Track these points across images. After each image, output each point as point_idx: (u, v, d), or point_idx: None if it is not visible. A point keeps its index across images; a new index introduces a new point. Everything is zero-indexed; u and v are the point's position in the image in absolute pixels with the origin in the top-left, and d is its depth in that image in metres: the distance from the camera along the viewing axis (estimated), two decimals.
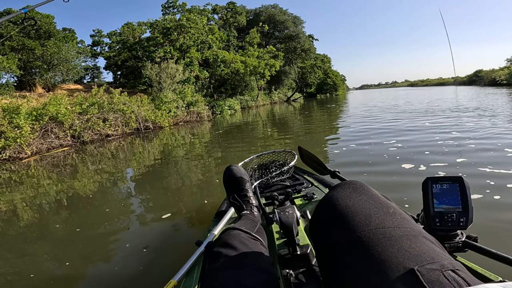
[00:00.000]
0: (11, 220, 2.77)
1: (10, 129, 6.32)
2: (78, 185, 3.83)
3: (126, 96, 9.88)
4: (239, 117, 13.93)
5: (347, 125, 7.03)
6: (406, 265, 0.38)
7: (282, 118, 11.55)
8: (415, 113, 7.74)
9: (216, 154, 5.09)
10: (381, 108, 10.72)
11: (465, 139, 3.81)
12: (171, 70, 13.20)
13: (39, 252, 1.97)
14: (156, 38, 17.33)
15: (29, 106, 7.30)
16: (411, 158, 3.16)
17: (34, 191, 3.70)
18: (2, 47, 11.67)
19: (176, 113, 12.13)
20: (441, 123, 5.57)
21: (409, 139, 4.21)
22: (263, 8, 30.53)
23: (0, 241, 2.30)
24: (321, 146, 4.69)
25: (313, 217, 0.63)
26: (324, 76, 38.74)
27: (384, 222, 0.48)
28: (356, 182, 0.63)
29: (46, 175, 4.75)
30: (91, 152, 6.62)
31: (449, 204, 0.73)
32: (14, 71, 11.30)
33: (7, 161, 6.00)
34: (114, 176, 4.19)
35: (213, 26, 20.77)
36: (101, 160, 5.68)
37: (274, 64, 20.92)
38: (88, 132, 8.12)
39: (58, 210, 2.92)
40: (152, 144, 7.32)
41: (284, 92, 32.05)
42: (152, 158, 5.40)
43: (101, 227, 2.29)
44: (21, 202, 3.22)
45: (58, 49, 12.90)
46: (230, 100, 18.13)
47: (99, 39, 21.81)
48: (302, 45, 30.08)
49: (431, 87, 43.57)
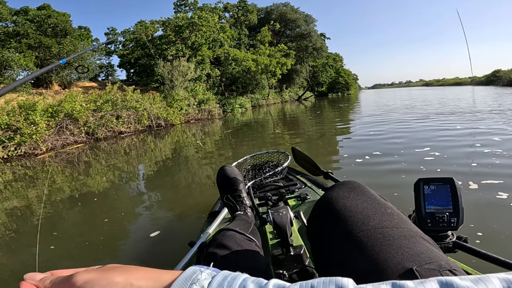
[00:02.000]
0: (24, 215, 2.80)
1: (26, 125, 6.45)
2: (91, 182, 3.86)
3: (138, 94, 9.97)
4: (249, 116, 13.88)
5: (364, 126, 6.52)
6: (405, 265, 0.39)
7: (293, 117, 11.42)
8: (440, 115, 7.19)
9: (227, 153, 5.03)
10: (400, 108, 10.24)
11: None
12: (183, 68, 13.26)
13: (44, 248, 1.96)
14: (168, 36, 17.45)
15: (45, 103, 7.44)
16: (457, 171, 2.60)
17: (48, 187, 3.74)
18: (19, 45, 11.96)
19: (187, 111, 12.17)
20: (476, 127, 4.92)
21: (444, 146, 3.67)
22: (274, 7, 30.32)
23: (14, 237, 2.31)
24: (334, 150, 4.41)
25: (311, 217, 0.63)
26: (336, 75, 38.26)
27: (382, 222, 0.48)
28: (353, 182, 0.63)
29: (60, 171, 4.81)
30: (105, 149, 6.69)
31: (440, 205, 0.74)
32: (31, 68, 11.57)
33: (23, 157, 6.12)
34: (125, 174, 4.21)
35: (224, 24, 20.77)
36: (114, 157, 5.73)
37: (285, 62, 20.75)
38: (102, 129, 8.22)
39: (71, 206, 2.92)
40: (164, 142, 7.35)
41: (295, 91, 31.81)
42: (163, 156, 5.41)
43: (99, 225, 2.28)
44: (35, 198, 3.25)
45: (74, 47, 13.14)
46: (241, 99, 18.08)
47: (113, 37, 22.13)
48: (313, 44, 29.71)
49: (447, 87, 42.43)
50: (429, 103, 11.66)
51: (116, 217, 2.48)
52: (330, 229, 0.54)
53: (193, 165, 4.34)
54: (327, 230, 0.54)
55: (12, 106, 6.77)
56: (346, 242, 0.48)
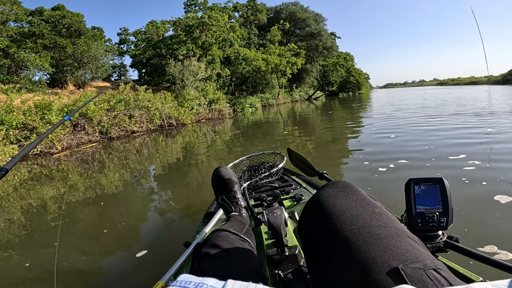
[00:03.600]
0: (39, 213, 2.85)
1: (42, 124, 6.59)
2: (105, 182, 3.91)
3: (150, 93, 10.07)
4: (260, 115, 13.85)
5: (382, 127, 6.00)
6: (390, 264, 0.39)
7: (303, 118, 11.31)
8: (462, 115, 6.73)
9: (236, 152, 5.00)
10: (420, 108, 9.58)
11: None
12: (193, 67, 13.33)
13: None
14: (179, 36, 17.58)
15: (60, 102, 7.59)
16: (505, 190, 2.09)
17: (63, 185, 3.81)
18: (35, 45, 12.24)
19: (198, 111, 12.23)
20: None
21: (483, 152, 3.22)
22: (284, 6, 30.16)
23: (32, 234, 2.35)
24: (352, 156, 3.90)
25: (301, 217, 0.64)
26: (346, 74, 37.81)
27: (370, 222, 0.49)
28: (343, 182, 0.64)
29: (74, 170, 4.89)
30: (118, 148, 6.77)
31: (430, 205, 0.75)
32: (46, 68, 11.85)
33: (39, 156, 6.26)
34: (136, 173, 4.25)
35: (234, 24, 20.79)
36: (126, 156, 5.79)
37: (296, 62, 20.62)
38: (115, 128, 8.34)
39: (85, 205, 2.96)
40: (175, 141, 7.40)
41: (305, 91, 31.60)
42: (174, 155, 5.44)
43: (100, 225, 2.29)
44: (49, 197, 3.31)
45: (88, 47, 13.38)
46: (251, 98, 18.07)
47: (126, 37, 22.49)
48: (324, 43, 29.40)
49: (463, 86, 41.33)
50: (451, 102, 11.20)
51: (120, 219, 2.49)
52: (318, 227, 0.54)
53: (204, 165, 4.33)
54: (316, 228, 0.55)
55: (28, 105, 6.93)
56: (334, 241, 0.48)
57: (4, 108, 6.43)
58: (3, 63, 10.90)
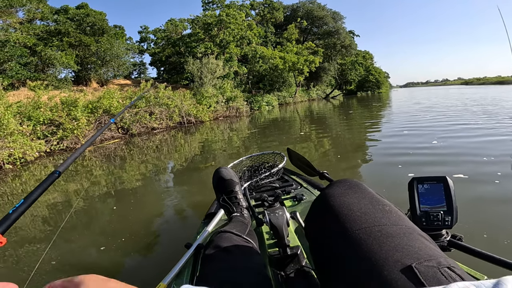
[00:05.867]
0: (64, 206, 2.93)
1: (68, 120, 6.79)
2: (126, 176, 4.00)
3: (170, 91, 10.19)
4: (276, 113, 13.75)
5: (414, 132, 5.25)
6: (404, 262, 0.39)
7: (321, 117, 11.11)
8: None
9: (253, 151, 4.94)
10: (452, 111, 8.57)
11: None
12: (211, 65, 13.39)
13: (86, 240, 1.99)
14: (197, 34, 17.72)
15: (85, 99, 7.81)
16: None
17: (86, 180, 3.91)
18: (61, 43, 12.65)
19: (216, 108, 12.29)
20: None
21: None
22: (301, 4, 29.71)
23: (53, 228, 2.42)
24: (385, 169, 3.18)
25: (308, 216, 0.63)
26: (365, 73, 36.95)
27: (381, 220, 0.48)
28: (351, 180, 0.63)
29: (98, 165, 5.00)
30: (138, 144, 6.89)
31: (434, 203, 0.74)
32: (72, 66, 12.23)
33: (65, 151, 6.46)
34: (152, 171, 4.32)
35: (251, 21, 20.74)
36: (147, 152, 5.89)
37: (313, 60, 20.32)
38: (136, 125, 8.50)
39: (106, 200, 3.01)
40: (194, 139, 7.45)
41: (322, 89, 31.16)
42: (191, 152, 5.52)
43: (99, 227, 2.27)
44: (73, 191, 3.42)
45: (110, 46, 13.71)
46: (268, 96, 17.98)
47: (146, 35, 22.92)
48: (342, 41, 28.77)
49: (489, 86, 39.41)
50: (487, 103, 10.38)
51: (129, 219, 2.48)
52: (327, 226, 0.53)
53: (221, 163, 4.30)
54: (325, 228, 0.54)
55: (55, 102, 7.17)
56: (344, 240, 0.47)
57: (31, 105, 6.67)
58: (30, 61, 11.34)
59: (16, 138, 5.38)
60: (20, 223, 2.50)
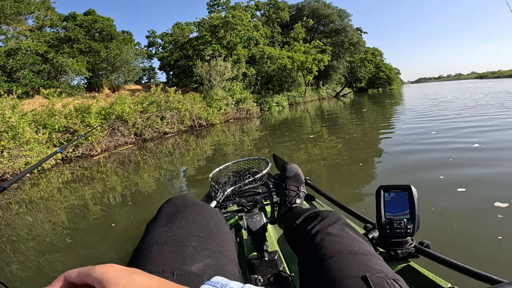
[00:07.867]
0: (82, 212, 2.94)
1: (82, 127, 6.85)
2: (140, 182, 3.99)
3: (180, 95, 10.20)
4: (287, 114, 13.63)
5: (440, 133, 4.70)
6: (362, 274, 0.49)
7: (332, 117, 10.92)
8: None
9: (264, 154, 4.84)
10: (476, 108, 7.86)
11: None
12: (220, 67, 13.36)
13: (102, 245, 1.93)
14: (204, 36, 17.74)
15: (98, 105, 7.87)
16: None
17: (102, 186, 3.90)
18: (72, 50, 12.80)
19: (226, 110, 12.24)
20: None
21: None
22: (306, 3, 29.46)
23: (71, 233, 2.41)
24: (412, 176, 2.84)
25: (292, 230, 0.72)
26: (375, 70, 36.35)
27: (349, 246, 0.58)
28: (332, 214, 0.68)
29: (113, 171, 5.00)
30: (151, 149, 6.89)
31: (398, 211, 0.76)
32: (83, 73, 12.39)
33: (80, 158, 6.50)
34: (164, 176, 4.32)
35: (257, 22, 20.65)
36: (159, 157, 5.88)
37: (322, 59, 20.06)
38: (148, 129, 8.52)
39: (121, 205, 2.98)
40: (205, 141, 7.41)
41: (332, 88, 30.80)
42: (203, 156, 5.54)
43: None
44: (90, 197, 3.42)
45: (119, 51, 13.83)
46: (277, 97, 17.85)
47: (154, 39, 23.13)
48: (350, 39, 28.38)
49: (504, 79, 38.14)
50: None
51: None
52: (308, 251, 0.62)
53: None
54: (305, 249, 0.64)
55: (69, 109, 7.24)
56: (318, 261, 0.57)
57: (46, 112, 6.75)
58: (43, 69, 11.52)
59: (32, 146, 5.44)
60: (39, 229, 2.48)
